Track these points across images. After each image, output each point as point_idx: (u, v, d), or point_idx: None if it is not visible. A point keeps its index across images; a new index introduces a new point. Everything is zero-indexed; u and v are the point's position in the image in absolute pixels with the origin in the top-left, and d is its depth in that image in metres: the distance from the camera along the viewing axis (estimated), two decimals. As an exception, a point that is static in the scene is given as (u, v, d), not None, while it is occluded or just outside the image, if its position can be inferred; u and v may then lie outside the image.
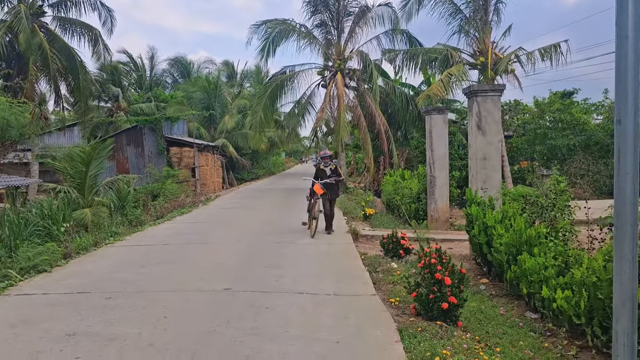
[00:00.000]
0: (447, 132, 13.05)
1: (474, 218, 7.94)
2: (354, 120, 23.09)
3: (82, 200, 14.15)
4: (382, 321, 5.44)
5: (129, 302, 6.31)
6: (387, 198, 16.20)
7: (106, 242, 10.93)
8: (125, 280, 7.41)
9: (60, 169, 14.53)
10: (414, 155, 23.05)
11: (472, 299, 6.62)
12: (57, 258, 8.75)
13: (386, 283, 7.23)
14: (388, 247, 8.82)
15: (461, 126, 22.34)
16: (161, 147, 26.18)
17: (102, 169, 15.46)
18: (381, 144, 22.02)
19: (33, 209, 12.89)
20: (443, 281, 5.40)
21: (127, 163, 25.89)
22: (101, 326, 5.39)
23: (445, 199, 12.88)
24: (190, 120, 30.71)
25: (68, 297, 6.59)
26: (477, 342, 5.04)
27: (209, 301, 6.32)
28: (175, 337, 5.03)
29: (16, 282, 7.36)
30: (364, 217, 14.22)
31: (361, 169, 27.01)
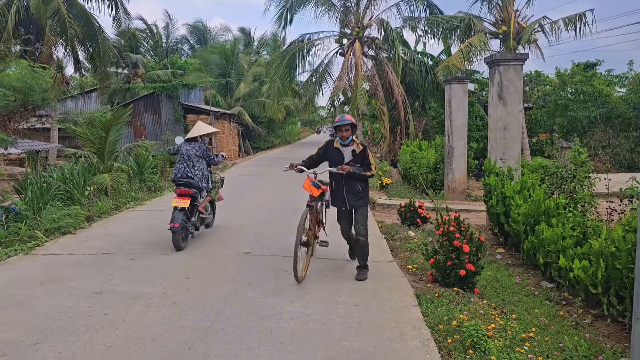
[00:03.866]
0: (466, 102, 12.91)
1: (492, 188, 7.94)
2: (371, 90, 22.87)
3: (102, 165, 14.35)
4: (400, 286, 5.54)
5: (151, 263, 6.48)
6: (404, 168, 16.18)
7: (127, 207, 11.14)
8: (147, 242, 7.59)
9: (80, 134, 14.70)
10: (431, 126, 22.86)
11: (488, 267, 6.69)
12: (81, 220, 8.96)
13: (403, 251, 7.32)
14: (405, 215, 8.87)
15: (480, 97, 22.03)
16: (178, 114, 26.27)
17: (121, 135, 15.60)
18: (398, 114, 21.83)
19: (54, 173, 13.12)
20: (461, 248, 5.45)
21: (144, 130, 26.07)
22: (126, 285, 5.56)
23: (462, 169, 12.83)
24: (207, 87, 30.67)
25: (93, 257, 6.78)
26: (493, 309, 5.12)
27: (229, 264, 6.47)
28: (198, 298, 5.18)
29: (42, 242, 7.58)
30: (380, 186, 14.25)
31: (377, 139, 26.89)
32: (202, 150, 7.71)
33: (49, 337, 4.18)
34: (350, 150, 5.83)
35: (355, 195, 5.81)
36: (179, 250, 7.07)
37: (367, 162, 5.82)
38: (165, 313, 4.74)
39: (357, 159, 5.79)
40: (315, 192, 5.85)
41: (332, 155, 5.95)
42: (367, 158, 5.81)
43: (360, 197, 5.83)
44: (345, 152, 5.85)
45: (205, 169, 7.76)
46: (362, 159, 5.80)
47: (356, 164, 5.76)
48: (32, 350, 3.94)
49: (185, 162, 7.63)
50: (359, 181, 5.81)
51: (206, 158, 7.80)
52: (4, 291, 5.38)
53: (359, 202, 5.83)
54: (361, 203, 5.85)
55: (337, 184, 5.88)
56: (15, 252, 7.02)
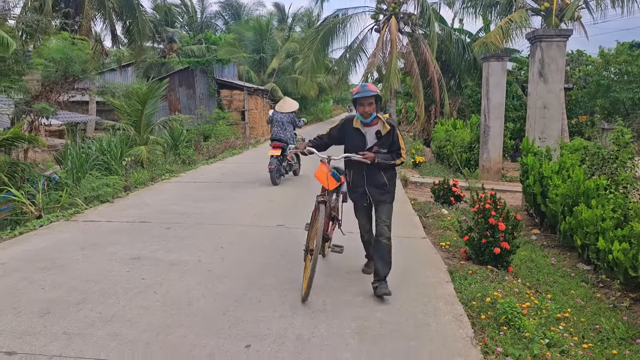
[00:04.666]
0: (504, 81, 12.59)
1: (529, 168, 7.77)
2: (406, 67, 22.49)
3: (138, 137, 14.64)
4: (433, 263, 5.51)
5: (187, 232, 6.61)
6: (437, 147, 15.97)
7: (162, 178, 11.35)
8: (182, 212, 7.73)
9: (118, 106, 14.99)
10: (466, 105, 22.41)
11: (523, 248, 6.58)
12: (118, 190, 9.19)
13: (436, 228, 7.26)
14: (439, 193, 8.78)
15: (518, 77, 21.44)
16: (212, 89, 26.46)
17: (157, 108, 15.86)
18: (433, 92, 21.46)
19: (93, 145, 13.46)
20: (496, 226, 5.37)
21: (179, 104, 26.38)
22: (162, 253, 5.70)
23: (498, 149, 12.58)
24: (241, 63, 30.72)
25: (130, 225, 6.95)
26: (527, 288, 5.05)
27: (263, 235, 6.54)
28: (232, 266, 5.27)
29: (82, 209, 7.81)
30: (413, 164, 14.11)
31: (411, 117, 26.56)
32: (290, 118, 10.91)
33: (89, 298, 4.33)
34: (374, 130, 4.53)
35: (379, 189, 4.59)
36: (275, 185, 10.11)
37: (397, 146, 4.54)
38: (200, 280, 4.84)
39: (384, 142, 4.50)
40: (333, 185, 4.69)
41: (350, 137, 4.63)
42: (396, 142, 4.53)
43: (385, 191, 4.61)
44: (368, 133, 4.54)
45: (291, 130, 10.83)
46: (389, 143, 4.52)
47: (382, 148, 4.50)
48: (75, 310, 4.09)
49: (279, 126, 10.79)
50: (384, 171, 4.57)
51: (293, 123, 10.89)
52: (47, 254, 5.59)
53: (384, 197, 4.61)
54: (386, 198, 4.62)
55: (357, 173, 4.64)
56: (57, 218, 7.25)
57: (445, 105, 21.44)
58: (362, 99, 4.42)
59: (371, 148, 4.50)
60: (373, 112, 4.46)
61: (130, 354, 3.38)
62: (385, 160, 4.47)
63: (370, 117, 4.48)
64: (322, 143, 4.87)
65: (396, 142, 4.55)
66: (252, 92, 27.93)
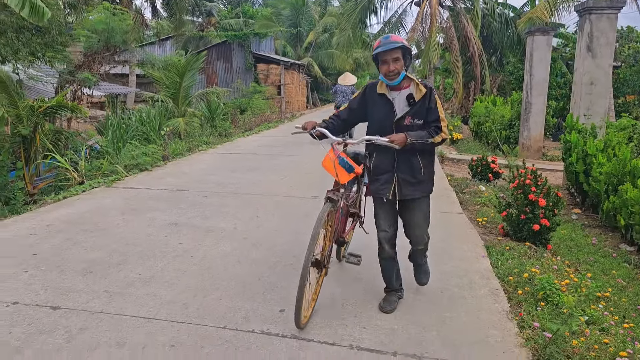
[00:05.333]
0: (549, 56, 12.13)
1: (572, 145, 7.52)
2: (446, 43, 21.96)
3: (176, 109, 14.84)
4: (469, 238, 5.42)
5: (223, 201, 6.69)
6: (476, 124, 15.63)
7: (199, 149, 11.50)
8: (218, 182, 7.83)
9: (157, 78, 15.20)
10: (507, 82, 21.77)
11: (563, 227, 6.42)
12: (157, 159, 9.37)
13: (473, 204, 7.14)
14: (476, 170, 8.60)
15: (563, 54, 20.65)
16: (249, 63, 26.49)
17: (194, 81, 16.01)
18: (473, 68, 20.90)
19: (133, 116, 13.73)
20: (536, 202, 5.24)
21: (216, 77, 26.55)
22: (199, 220, 5.79)
23: (540, 127, 12.21)
24: (277, 37, 30.62)
25: (168, 193, 7.09)
26: (567, 266, 4.93)
27: (297, 206, 6.57)
28: (267, 235, 5.32)
29: (122, 177, 8.00)
30: (450, 141, 13.87)
31: (449, 94, 26.03)
32: (352, 89, 13.17)
33: (129, 260, 4.45)
34: (404, 95, 3.38)
35: (412, 178, 3.43)
36: None
37: (434, 116, 3.36)
38: (236, 246, 4.91)
39: (418, 110, 3.36)
40: (344, 178, 3.54)
41: (374, 107, 3.50)
42: (433, 109, 3.36)
43: (419, 181, 3.45)
44: (397, 99, 3.40)
45: None
46: (425, 112, 3.36)
47: (416, 119, 3.36)
48: (115, 270, 4.22)
49: (343, 96, 13.13)
50: (420, 153, 3.41)
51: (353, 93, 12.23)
52: (90, 218, 5.76)
53: (417, 190, 3.46)
54: (421, 190, 3.48)
55: (381, 157, 3.49)
56: (98, 184, 7.46)
57: (485, 82, 20.90)
58: (385, 54, 3.28)
59: (403, 119, 3.36)
60: (401, 70, 3.30)
61: (167, 314, 3.47)
62: (421, 140, 3.27)
63: (398, 78, 3.31)
64: (339, 122, 3.67)
65: (434, 111, 3.36)
66: (288, 67, 27.84)
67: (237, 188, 7.43)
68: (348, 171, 3.54)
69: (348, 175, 3.54)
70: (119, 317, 3.40)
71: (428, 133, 3.33)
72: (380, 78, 3.45)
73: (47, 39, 11.01)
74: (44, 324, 3.28)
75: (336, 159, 3.51)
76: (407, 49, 3.31)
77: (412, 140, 3.26)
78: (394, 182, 3.45)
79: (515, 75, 20.53)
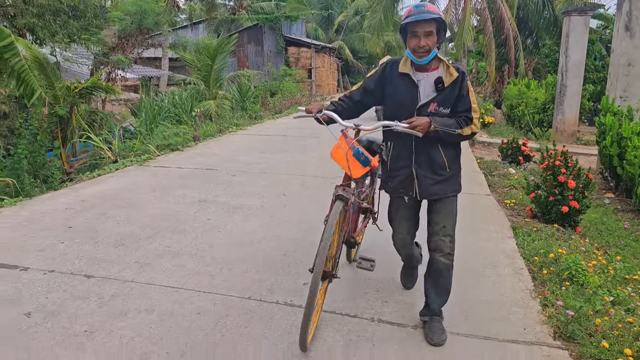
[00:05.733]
0: (586, 37, 11.76)
1: (607, 128, 7.32)
2: (479, 25, 21.49)
3: (208, 92, 15.04)
4: (496, 219, 5.39)
5: (251, 180, 6.80)
6: (509, 107, 15.33)
7: (229, 131, 11.65)
8: (248, 162, 7.95)
9: (189, 60, 15.41)
10: (542, 65, 21.23)
11: (595, 211, 6.29)
12: (188, 140, 9.55)
13: (502, 186, 7.06)
14: (507, 152, 8.48)
15: (602, 36, 19.97)
16: (280, 47, 26.52)
17: (226, 63, 16.16)
18: (507, 51, 20.42)
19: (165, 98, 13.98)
20: (566, 184, 5.15)
21: (247, 61, 26.69)
22: (228, 197, 5.91)
23: (574, 110, 11.90)
24: (309, 20, 30.51)
25: (198, 172, 7.24)
26: (595, 249, 4.85)
27: (324, 187, 6.61)
28: (293, 213, 5.39)
29: (154, 156, 8.20)
30: (482, 125, 13.66)
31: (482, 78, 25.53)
32: None
33: (159, 234, 4.60)
34: (432, 78, 2.85)
35: (435, 175, 2.95)
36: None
37: (465, 105, 2.86)
38: (262, 223, 5.00)
39: (446, 97, 2.84)
40: (358, 172, 2.95)
41: (395, 89, 2.95)
42: (465, 97, 2.85)
43: (444, 178, 2.96)
44: (423, 82, 2.87)
45: None
46: (454, 99, 2.85)
47: (442, 107, 2.84)
48: (146, 243, 4.36)
49: None
50: (443, 145, 2.91)
51: None
52: (122, 194, 5.94)
53: (442, 189, 2.97)
54: (446, 190, 2.98)
55: (400, 148, 3.00)
56: (131, 163, 7.67)
57: (520, 64, 20.41)
58: (416, 25, 2.75)
59: (427, 106, 2.84)
60: (433, 47, 2.77)
61: (194, 284, 3.58)
62: (447, 128, 2.78)
63: (427, 56, 2.79)
64: (351, 105, 3.15)
65: (465, 99, 2.85)
66: (319, 50, 27.76)
67: (265, 168, 7.53)
68: (363, 164, 2.94)
69: (363, 169, 2.95)
70: (149, 286, 3.53)
71: (456, 122, 2.84)
72: (406, 54, 2.91)
73: (83, 22, 11.28)
74: (78, 290, 3.44)
75: (349, 149, 2.92)
76: (442, 23, 2.77)
77: (436, 127, 2.76)
78: (414, 182, 2.96)
79: (551, 58, 20.01)
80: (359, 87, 3.16)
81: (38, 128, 8.88)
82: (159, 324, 3.02)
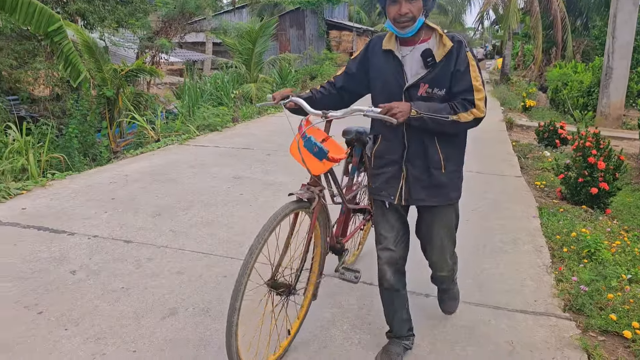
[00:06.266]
0: (635, 17, 11.35)
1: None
2: (526, 6, 20.94)
3: (249, 75, 15.34)
4: (523, 199, 5.41)
5: (284, 159, 7.02)
6: (553, 91, 14.97)
7: (268, 113, 11.91)
8: (282, 143, 8.16)
9: (230, 44, 15.74)
10: (591, 47, 20.52)
11: (630, 195, 6.22)
12: (227, 121, 9.86)
13: (535, 169, 7.02)
14: (543, 135, 8.39)
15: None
16: (321, 30, 26.59)
17: (267, 47, 16.40)
18: (555, 33, 19.85)
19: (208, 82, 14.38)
20: (595, 165, 5.13)
21: (288, 44, 26.90)
22: (261, 174, 6.15)
23: (620, 94, 11.55)
24: (351, 3, 30.36)
25: (235, 150, 7.52)
26: (623, 230, 4.83)
27: (355, 166, 6.77)
28: (323, 190, 5.57)
29: (194, 136, 8.54)
30: (522, 108, 13.42)
31: (528, 61, 24.87)
32: None
33: (194, 206, 4.88)
34: (419, 51, 2.30)
35: (425, 175, 2.39)
36: None
37: (464, 85, 2.26)
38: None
39: (439, 75, 2.28)
40: (317, 168, 2.41)
41: (378, 69, 2.44)
42: (463, 73, 2.26)
43: (438, 182, 2.39)
44: (409, 58, 2.34)
45: None
46: (449, 77, 2.27)
47: (434, 88, 2.29)
48: (182, 213, 4.65)
49: None
50: (440, 137, 2.34)
51: None
52: (163, 170, 6.28)
53: (433, 194, 2.41)
54: (440, 195, 2.42)
55: (388, 141, 2.45)
56: (172, 142, 8.02)
57: (567, 47, 19.81)
58: None
59: (416, 87, 2.29)
60: (418, 15, 2.23)
61: (223, 251, 3.83)
62: (436, 115, 2.19)
63: (412, 26, 2.23)
64: (333, 93, 2.62)
65: (463, 76, 2.24)
66: (361, 33, 27.66)
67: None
68: (319, 157, 2.34)
69: (320, 163, 2.35)
70: (181, 251, 3.81)
71: (450, 106, 2.22)
72: (386, 26, 2.38)
73: (130, 7, 11.74)
74: (118, 253, 3.74)
75: (300, 139, 2.36)
76: None
77: (420, 113, 2.17)
78: (401, 180, 2.40)
79: (600, 40, 19.31)
80: (343, 72, 2.61)
81: (88, 109, 9.40)
82: (188, 284, 3.29)
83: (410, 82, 2.31)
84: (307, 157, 2.37)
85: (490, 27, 31.14)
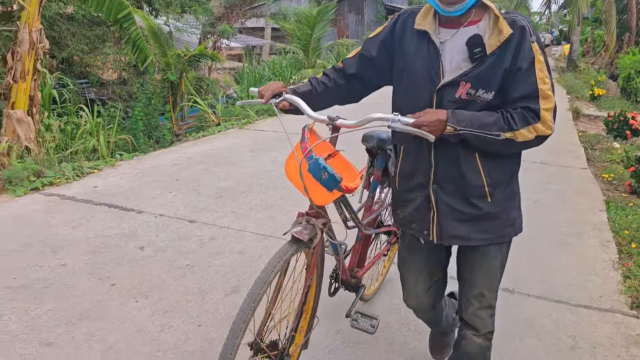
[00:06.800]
0: None
1: None
2: (597, -11, 19.91)
3: (306, 61, 15.43)
4: (589, 192, 5.21)
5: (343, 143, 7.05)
6: (624, 80, 14.20)
7: (325, 98, 11.99)
8: (340, 128, 8.21)
9: (288, 30, 15.86)
10: (671, 33, 19.27)
11: None
12: (285, 106, 9.98)
13: (602, 161, 6.72)
14: (612, 126, 7.99)
15: None
16: (380, 15, 26.29)
17: (325, 32, 16.41)
18: (629, 17, 18.76)
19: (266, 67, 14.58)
20: (670, 158, 4.86)
21: (347, 30, 26.77)
22: (318, 160, 6.21)
23: (700, 83, 10.82)
24: (412, -13, 29.77)
25: (293, 135, 7.58)
26: (700, 228, 4.56)
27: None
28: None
29: (253, 120, 8.71)
30: (590, 97, 12.82)
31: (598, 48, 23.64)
32: None
33: (253, 189, 5.01)
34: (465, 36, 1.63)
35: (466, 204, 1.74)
36: None
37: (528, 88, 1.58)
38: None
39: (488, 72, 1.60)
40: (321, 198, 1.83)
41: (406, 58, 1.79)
42: (526, 71, 1.58)
43: (482, 213, 1.73)
44: (450, 45, 1.68)
45: None
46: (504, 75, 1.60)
47: (480, 91, 1.62)
48: (242, 196, 4.79)
49: None
50: (483, 155, 1.68)
51: None
52: (223, 153, 6.46)
53: (476, 229, 1.75)
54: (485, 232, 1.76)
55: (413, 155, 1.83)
56: (232, 126, 8.22)
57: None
58: None
59: (454, 86, 1.65)
60: None
61: (282, 234, 3.92)
62: (483, 131, 1.59)
63: (464, 3, 1.61)
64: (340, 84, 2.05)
65: (526, 74, 1.60)
66: (421, 18, 27.16)
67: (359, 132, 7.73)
68: (327, 187, 1.76)
69: (329, 194, 1.79)
70: (242, 232, 3.93)
71: (504, 119, 1.61)
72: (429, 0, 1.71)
73: (192, -6, 12.04)
74: (183, 232, 3.91)
75: (304, 160, 1.79)
76: None
77: (460, 128, 1.59)
78: (431, 210, 1.79)
79: (680, 24, 18.14)
80: (357, 52, 1.99)
81: (152, 93, 9.74)
82: (249, 264, 3.39)
83: (448, 80, 1.65)
84: (311, 186, 1.76)
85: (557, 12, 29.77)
